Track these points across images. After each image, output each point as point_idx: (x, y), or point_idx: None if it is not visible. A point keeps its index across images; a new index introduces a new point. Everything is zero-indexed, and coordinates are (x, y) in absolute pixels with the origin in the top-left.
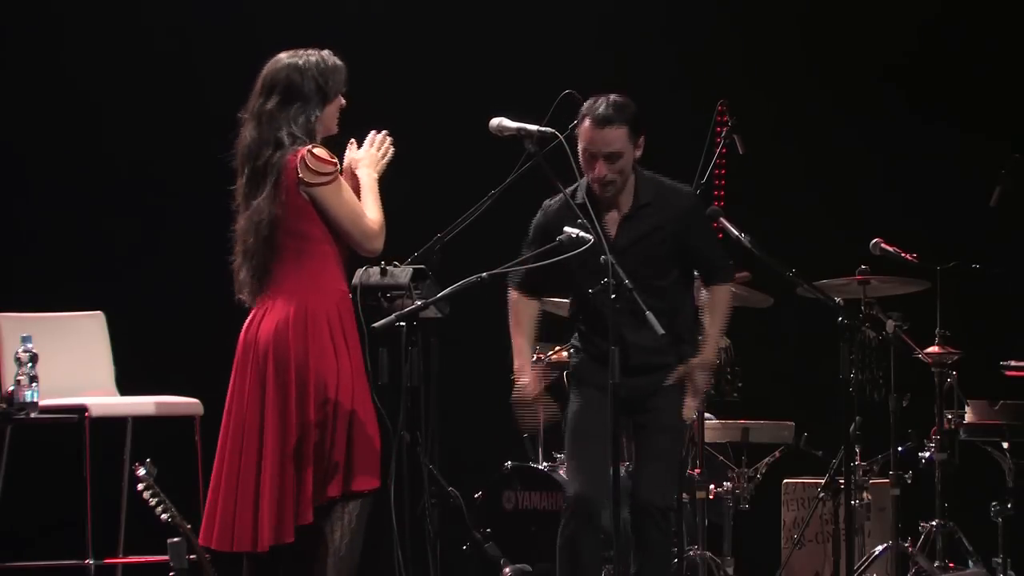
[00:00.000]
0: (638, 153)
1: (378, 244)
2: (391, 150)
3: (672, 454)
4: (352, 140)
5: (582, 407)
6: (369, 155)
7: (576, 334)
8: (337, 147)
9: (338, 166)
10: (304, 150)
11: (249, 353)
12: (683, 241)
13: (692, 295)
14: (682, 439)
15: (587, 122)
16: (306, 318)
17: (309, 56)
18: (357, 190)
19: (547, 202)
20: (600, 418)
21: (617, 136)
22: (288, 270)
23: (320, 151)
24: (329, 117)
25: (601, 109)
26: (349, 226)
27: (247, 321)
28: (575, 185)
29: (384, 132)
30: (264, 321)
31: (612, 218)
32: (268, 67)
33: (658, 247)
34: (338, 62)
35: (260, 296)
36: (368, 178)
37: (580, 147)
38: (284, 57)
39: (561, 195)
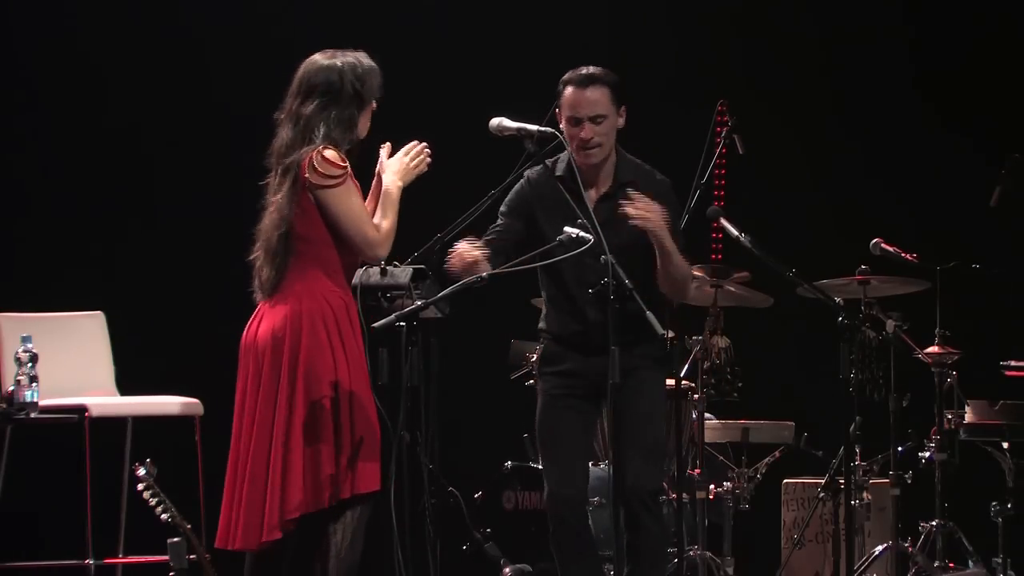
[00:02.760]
0: (621, 122)
1: (381, 252)
2: (425, 163)
3: (654, 438)
4: (387, 144)
5: (546, 403)
6: (400, 163)
7: (542, 321)
8: (367, 151)
9: (347, 169)
10: (315, 151)
11: (249, 355)
12: None
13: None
14: (663, 421)
15: (569, 88)
16: (300, 318)
17: (346, 57)
18: (377, 193)
19: (529, 173)
20: (567, 412)
21: (600, 96)
22: (292, 273)
23: (330, 153)
24: (363, 121)
25: (582, 71)
26: (351, 231)
27: (248, 324)
28: (556, 157)
29: (423, 144)
30: (262, 324)
31: (591, 196)
32: (304, 68)
33: (633, 227)
34: (373, 65)
35: (271, 296)
36: (392, 185)
37: (564, 116)
38: (320, 58)
39: (542, 167)
